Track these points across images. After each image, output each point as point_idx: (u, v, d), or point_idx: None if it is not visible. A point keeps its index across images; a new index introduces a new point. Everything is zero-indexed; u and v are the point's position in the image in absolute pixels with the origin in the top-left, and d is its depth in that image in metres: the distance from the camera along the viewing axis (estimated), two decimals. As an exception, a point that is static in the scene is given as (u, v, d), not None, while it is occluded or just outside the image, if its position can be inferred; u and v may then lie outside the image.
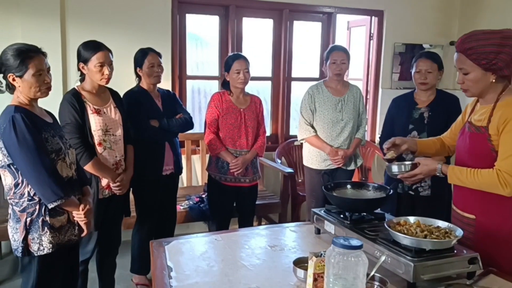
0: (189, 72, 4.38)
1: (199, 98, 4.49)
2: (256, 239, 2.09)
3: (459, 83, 1.92)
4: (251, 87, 4.67)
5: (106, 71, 2.56)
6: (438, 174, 1.92)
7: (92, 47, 2.56)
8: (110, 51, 2.61)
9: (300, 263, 1.72)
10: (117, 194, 2.71)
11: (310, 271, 1.58)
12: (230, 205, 3.41)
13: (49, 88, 2.07)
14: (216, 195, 3.37)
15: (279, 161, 4.35)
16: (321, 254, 1.59)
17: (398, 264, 1.64)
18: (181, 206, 3.75)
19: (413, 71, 2.95)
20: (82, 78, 2.65)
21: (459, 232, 1.69)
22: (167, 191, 3.23)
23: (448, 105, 2.86)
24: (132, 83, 3.17)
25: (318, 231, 2.15)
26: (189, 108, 4.51)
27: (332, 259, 1.36)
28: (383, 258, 1.63)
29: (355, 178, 4.31)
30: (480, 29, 1.87)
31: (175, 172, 3.21)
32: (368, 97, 4.97)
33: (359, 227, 1.93)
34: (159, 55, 3.14)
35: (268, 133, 4.68)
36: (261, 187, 4.39)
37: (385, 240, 1.75)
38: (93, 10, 3.77)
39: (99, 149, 2.64)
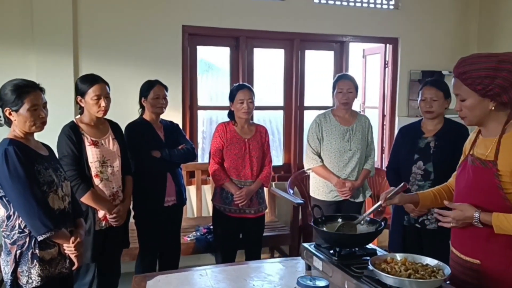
0: (202, 102, 4.42)
1: (211, 129, 4.49)
2: (242, 274, 2.02)
3: (457, 110, 1.80)
4: (263, 116, 4.67)
5: (102, 103, 2.60)
6: (475, 224, 1.71)
7: (89, 80, 2.62)
8: (106, 83, 2.66)
9: (277, 302, 1.64)
10: (114, 225, 2.71)
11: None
12: (235, 237, 3.35)
13: (44, 123, 2.11)
14: (221, 227, 3.32)
15: (292, 191, 4.27)
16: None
17: (378, 305, 1.54)
18: (188, 238, 3.72)
19: (419, 99, 2.86)
20: (81, 111, 2.70)
21: (447, 270, 1.59)
22: (170, 223, 3.21)
23: (456, 135, 2.74)
24: (135, 115, 3.21)
25: (308, 267, 2.06)
26: (200, 139, 4.53)
27: (296, 301, 1.29)
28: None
29: (369, 207, 4.19)
30: (477, 53, 1.78)
31: (177, 203, 3.19)
32: (385, 124, 4.86)
33: (346, 263, 1.84)
34: (165, 88, 3.18)
35: (280, 163, 4.63)
36: (273, 217, 4.32)
37: (369, 279, 1.66)
38: (105, 44, 3.87)
39: (96, 180, 2.66)
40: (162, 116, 3.23)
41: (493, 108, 1.71)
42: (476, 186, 1.76)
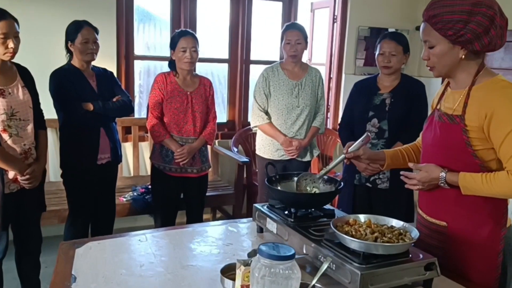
0: (139, 52, 4.04)
1: (149, 81, 4.14)
2: (186, 239, 1.81)
3: (424, 59, 1.62)
4: (206, 69, 4.38)
5: (10, 44, 2.20)
6: (442, 185, 1.60)
7: None
8: (16, 20, 2.25)
9: (229, 271, 1.45)
10: (27, 188, 2.37)
11: (238, 282, 1.31)
12: (175, 197, 3.12)
13: None
14: (160, 186, 3.07)
15: (236, 149, 4.08)
16: (251, 261, 1.32)
17: (343, 272, 1.39)
18: (124, 198, 3.44)
19: (376, 53, 2.70)
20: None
21: (415, 233, 1.45)
22: (104, 182, 2.90)
23: (412, 92, 2.63)
24: (63, 61, 2.81)
25: (260, 230, 1.88)
26: (137, 92, 4.17)
27: (257, 273, 1.09)
28: (325, 265, 1.37)
29: (315, 167, 4.09)
30: None
31: (112, 161, 2.89)
32: (331, 83, 4.73)
33: (303, 225, 1.67)
34: (95, 30, 2.79)
35: (224, 120, 4.39)
36: (215, 177, 4.12)
37: (330, 243, 1.50)
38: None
39: (4, 136, 2.28)
40: (94, 63, 2.86)
41: (463, 56, 1.54)
42: (444, 143, 1.62)
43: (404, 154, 1.89)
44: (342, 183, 1.77)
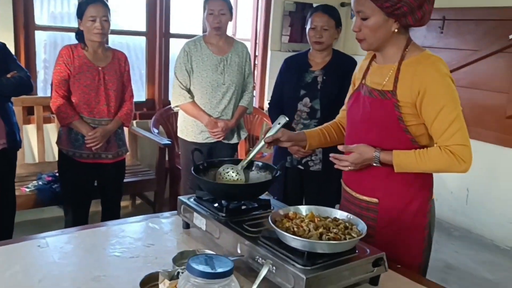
0: (42, 21, 3.55)
1: (56, 55, 3.66)
2: (98, 241, 1.53)
3: (355, 30, 1.54)
4: (121, 42, 3.98)
5: None
6: (375, 164, 1.54)
7: None
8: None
9: (151, 281, 1.21)
10: None
11: (161, 299, 1.08)
12: (88, 186, 2.77)
13: None
14: (69, 174, 2.71)
15: (156, 131, 3.77)
16: (178, 272, 1.10)
17: (285, 276, 1.20)
18: (27, 188, 3.02)
19: (307, 27, 2.52)
20: None
21: (362, 226, 1.30)
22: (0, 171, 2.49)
23: (344, 69, 2.49)
24: None
25: (187, 225, 1.65)
26: (41, 68, 3.69)
27: (186, 294, 0.86)
28: (265, 270, 1.18)
29: (241, 149, 3.90)
30: None
31: (8, 147, 2.48)
32: (256, 60, 4.54)
33: (236, 220, 1.46)
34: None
35: (142, 98, 4.05)
36: (134, 161, 3.79)
37: (268, 241, 1.31)
38: None
39: None
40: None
41: (396, 30, 1.50)
42: (374, 119, 1.56)
43: (325, 132, 1.81)
44: (279, 170, 1.57)
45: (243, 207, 1.57)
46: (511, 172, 3.47)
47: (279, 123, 1.64)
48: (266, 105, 4.45)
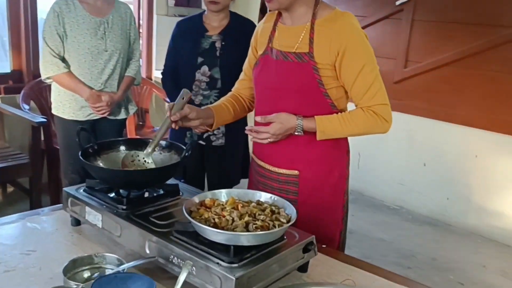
0: None
1: None
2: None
3: None
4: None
5: None
6: (298, 134, 1.43)
7: None
8: None
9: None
10: None
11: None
12: None
13: None
14: None
15: (27, 107, 3.24)
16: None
17: (209, 277, 1.01)
18: None
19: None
20: None
21: (291, 210, 1.15)
22: None
23: (244, 33, 2.27)
24: None
25: (76, 222, 1.36)
26: None
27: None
28: (185, 273, 0.97)
29: (130, 125, 3.55)
30: None
31: None
32: (141, 26, 4.14)
33: (141, 213, 1.23)
34: None
35: (7, 69, 3.46)
36: (2, 143, 3.25)
37: (184, 236, 1.10)
38: None
39: None
40: None
41: None
42: (291, 85, 1.45)
43: (228, 107, 1.63)
44: (189, 151, 1.35)
45: (147, 195, 1.33)
46: (399, 135, 3.63)
47: (183, 98, 1.41)
48: (155, 75, 4.12)
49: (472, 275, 2.81)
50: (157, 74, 3.98)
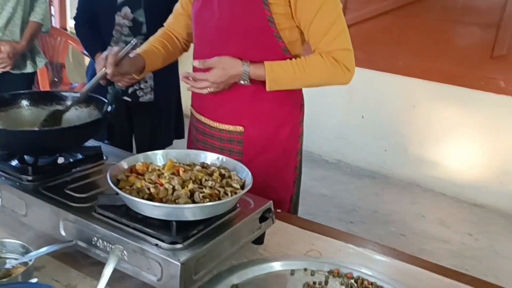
0: None
1: None
2: None
3: None
4: None
5: None
6: (243, 83, 1.21)
7: None
8: None
9: None
10: None
11: None
12: None
13: None
14: None
15: None
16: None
17: (145, 264, 0.79)
18: None
19: None
20: None
21: (244, 172, 0.95)
22: None
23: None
24: None
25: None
26: None
27: None
28: (113, 260, 0.75)
29: (43, 80, 3.12)
30: None
31: None
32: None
33: (54, 184, 0.97)
34: None
35: None
36: None
37: (111, 212, 0.86)
38: None
39: None
40: None
41: None
42: (237, 24, 1.22)
43: (160, 49, 1.37)
44: (112, 105, 1.08)
45: (61, 161, 1.07)
46: (338, 88, 3.52)
47: (131, 45, 1.17)
48: (70, 25, 3.66)
49: (413, 226, 2.82)
50: (72, 24, 3.53)
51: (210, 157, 1.00)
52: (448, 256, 2.51)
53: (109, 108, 1.07)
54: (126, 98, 2.07)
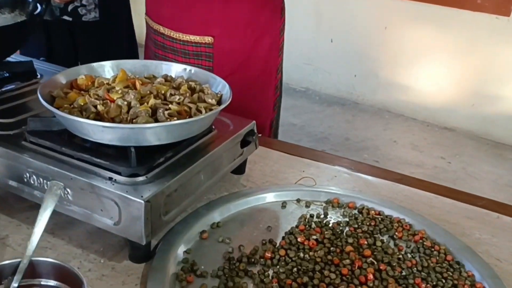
0: None
1: None
2: None
3: None
4: None
5: None
6: None
7: None
8: None
9: None
10: None
11: None
12: None
13: None
14: None
15: None
16: None
17: (98, 204, 0.60)
18: None
19: None
20: None
21: (221, 85, 0.74)
22: None
23: None
24: None
25: None
26: None
27: None
28: (51, 200, 0.55)
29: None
30: None
31: None
32: None
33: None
34: None
35: None
36: None
37: (46, 139, 0.65)
38: None
39: None
40: None
41: None
42: None
43: None
44: (43, 5, 0.83)
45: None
46: (305, 10, 3.27)
47: None
48: None
49: (385, 151, 2.73)
50: None
51: (175, 68, 0.78)
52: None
53: (39, 9, 0.82)
54: (66, 17, 1.76)
